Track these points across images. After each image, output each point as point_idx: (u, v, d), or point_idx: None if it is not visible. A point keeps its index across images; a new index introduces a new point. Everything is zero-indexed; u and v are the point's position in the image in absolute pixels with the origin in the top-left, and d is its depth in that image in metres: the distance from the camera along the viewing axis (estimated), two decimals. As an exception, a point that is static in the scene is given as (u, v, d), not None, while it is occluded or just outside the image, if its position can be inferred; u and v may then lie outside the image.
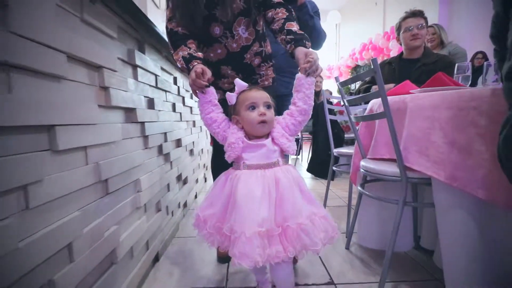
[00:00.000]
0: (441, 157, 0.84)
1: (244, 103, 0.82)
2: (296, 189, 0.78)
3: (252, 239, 0.69)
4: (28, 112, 0.50)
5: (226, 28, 1.00)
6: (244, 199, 0.74)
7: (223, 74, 1.10)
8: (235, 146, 0.82)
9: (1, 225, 0.45)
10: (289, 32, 0.92)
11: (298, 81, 0.84)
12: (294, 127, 0.85)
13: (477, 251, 0.81)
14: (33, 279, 0.52)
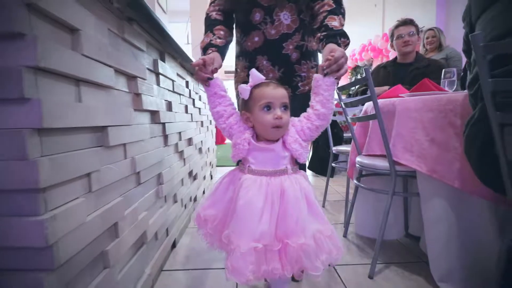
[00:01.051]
0: (423, 153, 0.99)
1: (259, 101, 0.74)
2: (302, 203, 0.71)
3: (246, 255, 0.65)
4: (91, 116, 0.65)
5: (266, 13, 0.94)
6: (243, 210, 0.69)
7: (257, 66, 1.01)
8: (240, 148, 0.76)
9: (76, 202, 0.60)
10: (325, 28, 0.83)
11: (315, 82, 0.76)
12: (310, 132, 0.77)
13: (454, 231, 0.96)
14: (93, 248, 0.66)
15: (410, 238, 1.39)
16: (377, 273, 1.12)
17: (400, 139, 1.06)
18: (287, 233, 0.68)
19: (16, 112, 0.48)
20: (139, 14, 0.89)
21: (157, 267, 1.08)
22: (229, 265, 0.66)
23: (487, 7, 0.72)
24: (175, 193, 1.36)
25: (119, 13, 0.81)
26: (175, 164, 1.35)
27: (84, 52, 0.62)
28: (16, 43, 0.47)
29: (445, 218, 0.97)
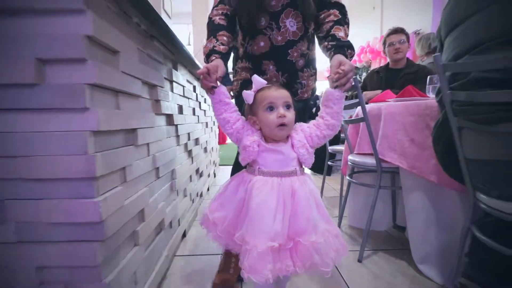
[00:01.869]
0: (405, 151, 1.15)
1: (262, 103, 0.77)
2: (312, 203, 0.74)
3: (264, 254, 0.67)
4: (126, 121, 0.80)
5: (272, 19, 0.96)
6: (258, 210, 0.71)
7: (263, 71, 1.04)
8: (250, 150, 0.78)
9: (116, 190, 0.75)
10: (333, 38, 0.87)
11: (326, 95, 0.80)
12: (318, 139, 0.80)
13: (431, 219, 1.11)
14: (128, 227, 0.82)
15: (397, 229, 1.54)
16: (365, 258, 1.27)
17: (385, 140, 1.22)
18: (298, 232, 0.70)
19: (79, 119, 0.63)
20: (160, 32, 1.05)
21: (172, 251, 1.24)
22: (246, 265, 0.67)
23: (452, 28, 0.87)
24: (185, 188, 1.52)
25: (144, 32, 0.97)
26: (185, 161, 1.50)
27: (122, 69, 0.78)
28: (80, 66, 0.63)
29: (424, 207, 1.13)
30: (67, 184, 0.65)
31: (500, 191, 0.71)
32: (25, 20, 0.61)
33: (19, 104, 0.62)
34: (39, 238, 0.66)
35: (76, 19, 0.62)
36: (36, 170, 0.63)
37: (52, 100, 0.62)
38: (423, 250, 1.13)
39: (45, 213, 0.64)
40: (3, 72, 0.61)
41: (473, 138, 0.75)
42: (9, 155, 0.63)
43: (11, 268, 0.67)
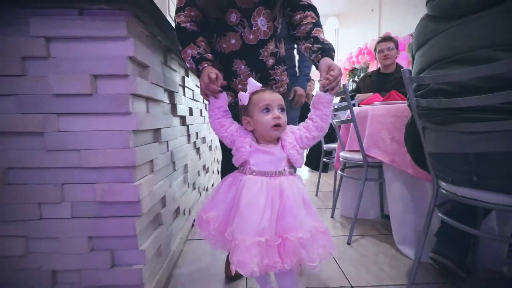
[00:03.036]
0: (386, 148, 1.34)
1: (258, 105, 0.81)
2: (300, 201, 0.78)
3: (251, 248, 0.70)
4: (153, 122, 1.00)
5: (243, 16, 0.96)
6: (247, 207, 0.75)
7: (234, 71, 1.03)
8: (243, 150, 0.83)
9: (147, 177, 0.94)
10: (316, 41, 0.91)
11: (317, 98, 0.85)
12: (307, 140, 0.85)
13: (409, 206, 1.31)
14: (155, 209, 1.01)
15: (384, 218, 1.74)
16: (354, 241, 1.47)
17: (370, 138, 1.41)
18: (285, 229, 0.74)
19: (124, 121, 0.82)
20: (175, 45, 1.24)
21: (185, 235, 1.43)
22: (234, 259, 0.71)
23: (420, 46, 1.06)
24: (194, 181, 1.71)
25: (165, 47, 1.16)
26: (194, 157, 1.70)
27: (151, 80, 0.97)
28: (124, 80, 0.82)
29: (402, 196, 1.33)
30: (114, 171, 0.84)
31: (452, 177, 0.91)
32: (82, 44, 0.81)
33: (79, 109, 0.81)
34: (91, 214, 0.85)
35: (121, 44, 0.81)
36: (92, 160, 0.82)
37: (103, 106, 0.82)
38: (402, 233, 1.33)
39: (99, 194, 0.83)
40: (65, 85, 0.80)
41: (432, 135, 0.94)
42: (72, 148, 0.82)
43: (65, 238, 0.86)
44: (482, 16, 0.84)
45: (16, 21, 0.79)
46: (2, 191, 0.83)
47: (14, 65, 0.80)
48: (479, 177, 0.83)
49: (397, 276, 1.17)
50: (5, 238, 0.85)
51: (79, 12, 0.80)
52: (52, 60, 0.80)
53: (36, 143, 0.82)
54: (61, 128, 0.82)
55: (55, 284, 0.87)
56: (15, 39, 0.79)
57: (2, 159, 0.82)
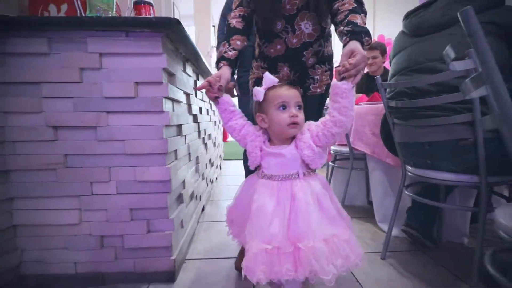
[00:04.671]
0: (368, 141, 1.61)
1: (274, 102, 0.78)
2: (314, 207, 0.73)
3: (257, 256, 0.69)
4: (177, 119, 1.25)
5: (287, 22, 0.99)
6: (256, 213, 0.75)
7: (278, 71, 1.09)
8: (253, 156, 0.83)
9: (174, 163, 1.19)
10: (348, 23, 0.83)
11: (332, 90, 0.76)
12: (325, 138, 0.78)
13: (387, 190, 1.57)
14: (178, 189, 1.26)
15: (369, 204, 2.01)
16: (342, 222, 1.73)
17: (356, 133, 1.68)
18: (298, 236, 0.70)
19: (159, 117, 1.08)
20: (191, 55, 1.49)
21: (197, 217, 1.69)
22: (243, 264, 0.71)
23: (395, 54, 1.33)
24: (203, 172, 1.97)
25: (184, 57, 1.41)
26: (203, 151, 1.95)
27: (175, 85, 1.22)
28: (159, 86, 1.07)
29: (382, 182, 1.59)
30: (151, 157, 1.09)
31: (413, 161, 1.17)
32: (127, 58, 1.06)
33: (124, 108, 1.07)
34: (132, 190, 1.10)
35: (157, 58, 1.06)
36: (134, 148, 1.08)
37: (142, 106, 1.07)
38: (381, 213, 1.59)
39: (139, 174, 1.08)
40: (114, 90, 1.05)
41: (399, 129, 1.20)
42: (118, 139, 1.07)
43: (111, 210, 1.11)
44: (434, 36, 1.10)
45: (76, 40, 1.04)
46: (62, 173, 1.08)
47: (74, 74, 1.05)
48: (432, 160, 1.09)
49: (376, 246, 1.43)
50: (64, 210, 1.10)
51: (126, 34, 1.05)
52: (104, 70, 1.05)
53: (90, 135, 1.07)
54: (110, 123, 1.07)
55: (102, 247, 1.12)
56: (75, 54, 1.04)
57: (63, 147, 1.07)
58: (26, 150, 1.06)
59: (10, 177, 1.07)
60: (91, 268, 1.12)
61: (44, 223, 1.10)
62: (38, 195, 1.08)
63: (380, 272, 1.20)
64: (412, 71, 1.14)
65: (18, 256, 1.10)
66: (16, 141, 1.06)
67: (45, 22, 1.03)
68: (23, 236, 1.10)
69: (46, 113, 1.05)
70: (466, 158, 0.99)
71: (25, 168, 1.07)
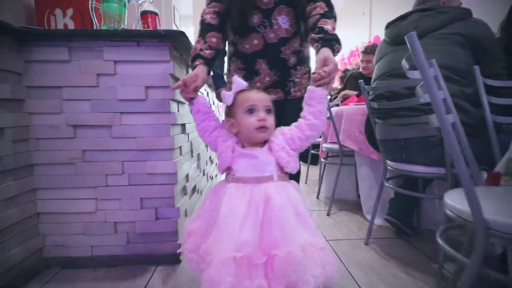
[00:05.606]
0: (356, 139, 1.77)
1: (242, 105, 0.77)
2: (290, 210, 0.69)
3: (225, 265, 0.62)
4: (182, 118, 1.40)
5: (265, 16, 0.98)
6: (225, 217, 0.68)
7: (256, 70, 1.06)
8: (224, 156, 0.79)
9: (178, 158, 1.35)
10: (320, 30, 0.86)
11: (309, 94, 0.78)
12: (300, 141, 0.78)
13: (373, 184, 1.73)
14: (183, 181, 1.41)
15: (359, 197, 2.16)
16: (332, 213, 1.90)
17: (345, 132, 1.84)
18: (273, 244, 0.65)
19: (166, 117, 1.23)
20: (194, 60, 1.64)
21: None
22: (205, 278, 0.63)
23: (378, 60, 1.49)
24: (204, 168, 2.12)
25: (186, 62, 1.56)
26: (203, 149, 2.11)
27: (180, 88, 1.37)
28: (167, 90, 1.22)
29: (368, 176, 1.75)
30: (159, 152, 1.25)
31: (392, 156, 1.33)
32: (139, 65, 1.21)
33: (135, 109, 1.22)
34: (142, 182, 1.26)
35: (165, 65, 1.22)
36: (144, 145, 1.23)
37: (152, 107, 1.22)
38: (368, 204, 1.75)
39: (148, 168, 1.24)
40: (126, 93, 1.20)
41: (379, 127, 1.36)
42: (130, 136, 1.22)
43: (124, 199, 1.26)
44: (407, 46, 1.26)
45: (94, 49, 1.19)
46: (81, 166, 1.23)
47: (91, 79, 1.20)
48: (406, 155, 1.25)
49: (361, 234, 1.59)
50: (82, 199, 1.25)
51: (137, 44, 1.20)
52: (118, 76, 1.21)
53: (106, 133, 1.23)
54: (123, 123, 1.22)
55: (116, 232, 1.28)
56: (93, 61, 1.19)
57: (82, 144, 1.22)
58: (49, 146, 1.22)
59: (34, 170, 1.22)
60: (106, 251, 1.27)
61: (64, 211, 1.25)
62: (59, 186, 1.24)
63: (363, 255, 1.36)
64: (390, 76, 1.30)
65: (41, 240, 1.25)
66: (39, 138, 1.21)
67: (67, 33, 1.18)
68: (46, 222, 1.25)
69: (66, 114, 1.21)
70: (434, 152, 1.15)
71: (48, 162, 1.22)
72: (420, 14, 1.27)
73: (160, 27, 1.45)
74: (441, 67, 1.12)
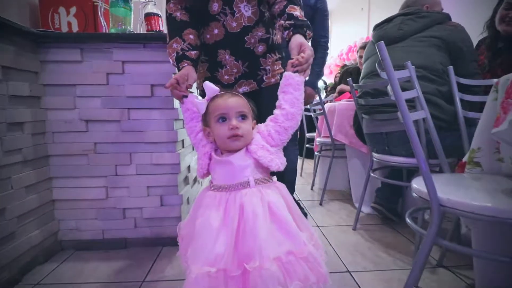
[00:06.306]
0: (347, 133, 1.90)
1: (214, 114, 0.74)
2: (263, 219, 0.65)
3: (198, 280, 0.61)
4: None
5: (225, 3, 0.94)
6: (199, 230, 0.68)
7: (220, 61, 1.01)
8: (201, 163, 0.78)
9: (181, 150, 1.48)
10: (289, 17, 0.85)
11: (285, 80, 0.76)
12: (278, 135, 0.75)
13: (362, 175, 1.87)
14: (185, 172, 1.55)
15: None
16: (325, 203, 2.04)
17: (337, 126, 1.97)
18: (247, 255, 0.63)
19: (170, 113, 1.36)
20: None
21: (199, 199, 1.98)
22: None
23: (365, 60, 1.61)
24: (204, 161, 2.26)
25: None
26: (204, 142, 2.24)
27: (182, 86, 1.50)
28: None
29: (358, 167, 1.89)
30: (164, 144, 1.38)
31: (376, 148, 1.47)
32: (145, 65, 1.34)
33: (142, 105, 1.35)
34: (148, 172, 1.39)
35: (169, 65, 1.34)
36: (150, 138, 1.36)
37: (157, 104, 1.35)
38: (358, 194, 1.89)
39: (154, 159, 1.37)
40: (134, 90, 1.33)
41: (365, 122, 1.50)
42: (137, 130, 1.35)
43: (132, 187, 1.40)
44: (392, 47, 1.39)
45: (104, 50, 1.32)
46: (92, 157, 1.37)
47: (102, 78, 1.32)
48: (389, 147, 1.39)
49: (350, 221, 1.73)
50: (93, 187, 1.39)
51: (143, 46, 1.33)
52: (126, 75, 1.33)
53: (115, 127, 1.36)
54: (131, 118, 1.35)
55: (125, 217, 1.41)
56: (103, 62, 1.32)
57: (93, 137, 1.36)
58: (63, 139, 1.35)
59: (50, 161, 1.36)
60: (115, 235, 1.41)
61: (78, 198, 1.39)
62: (72, 175, 1.37)
63: (350, 238, 1.51)
64: (375, 75, 1.43)
65: (56, 225, 1.39)
66: (55, 132, 1.34)
67: (80, 36, 1.31)
68: (60, 209, 1.39)
69: (79, 109, 1.34)
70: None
71: (62, 154, 1.35)
72: (402, 18, 1.40)
73: (163, 28, 1.57)
74: (419, 67, 1.26)
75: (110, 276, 1.19)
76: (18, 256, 1.15)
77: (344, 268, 1.23)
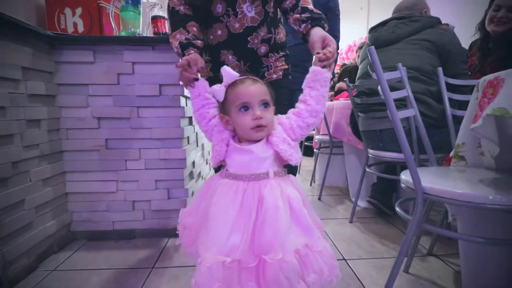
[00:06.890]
0: (344, 131, 2.00)
1: (235, 103, 0.71)
2: (284, 212, 0.65)
3: (212, 271, 0.59)
4: (189, 112, 1.62)
5: (229, 5, 0.95)
6: (214, 219, 0.66)
7: (222, 61, 1.03)
8: (217, 149, 0.75)
9: (187, 146, 1.57)
10: (304, 10, 0.84)
11: (313, 75, 0.73)
12: (300, 130, 0.74)
13: (359, 171, 1.96)
14: (190, 167, 1.64)
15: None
16: (323, 198, 2.14)
17: (335, 124, 2.07)
18: (264, 248, 0.62)
19: (177, 110, 1.46)
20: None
21: (203, 194, 2.08)
22: (192, 282, 0.62)
23: (362, 60, 1.71)
24: (207, 158, 2.35)
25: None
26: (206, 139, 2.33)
27: (188, 85, 1.60)
28: (178, 87, 1.44)
29: (355, 163, 1.99)
30: (171, 141, 1.47)
31: (371, 145, 1.56)
32: (154, 66, 1.43)
33: (151, 104, 1.44)
34: (156, 166, 1.48)
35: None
36: (158, 134, 1.45)
37: (165, 102, 1.45)
38: (355, 189, 1.99)
39: (162, 154, 1.47)
40: (143, 90, 1.43)
41: (361, 119, 1.59)
42: (146, 127, 1.45)
43: (141, 181, 1.49)
44: (385, 50, 1.48)
45: (115, 52, 1.41)
46: (104, 153, 1.46)
47: (113, 78, 1.42)
48: (383, 143, 1.48)
49: (347, 214, 1.83)
50: (104, 181, 1.48)
51: (152, 48, 1.42)
52: (136, 75, 1.43)
53: (125, 124, 1.45)
54: (140, 115, 1.45)
55: (134, 209, 1.51)
56: (114, 63, 1.41)
57: (105, 133, 1.45)
58: (76, 136, 1.44)
59: (64, 156, 1.45)
60: (125, 226, 1.51)
61: (89, 191, 1.48)
62: (85, 170, 1.46)
63: (346, 230, 1.61)
64: (369, 76, 1.52)
65: (69, 216, 1.48)
66: (68, 128, 1.44)
67: (93, 39, 1.40)
68: (73, 201, 1.49)
69: (92, 107, 1.43)
70: (404, 141, 1.38)
71: (75, 149, 1.45)
72: (396, 21, 1.49)
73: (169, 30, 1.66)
74: (411, 69, 1.35)
75: (121, 263, 1.28)
76: (35, 245, 1.25)
77: (340, 256, 1.32)
